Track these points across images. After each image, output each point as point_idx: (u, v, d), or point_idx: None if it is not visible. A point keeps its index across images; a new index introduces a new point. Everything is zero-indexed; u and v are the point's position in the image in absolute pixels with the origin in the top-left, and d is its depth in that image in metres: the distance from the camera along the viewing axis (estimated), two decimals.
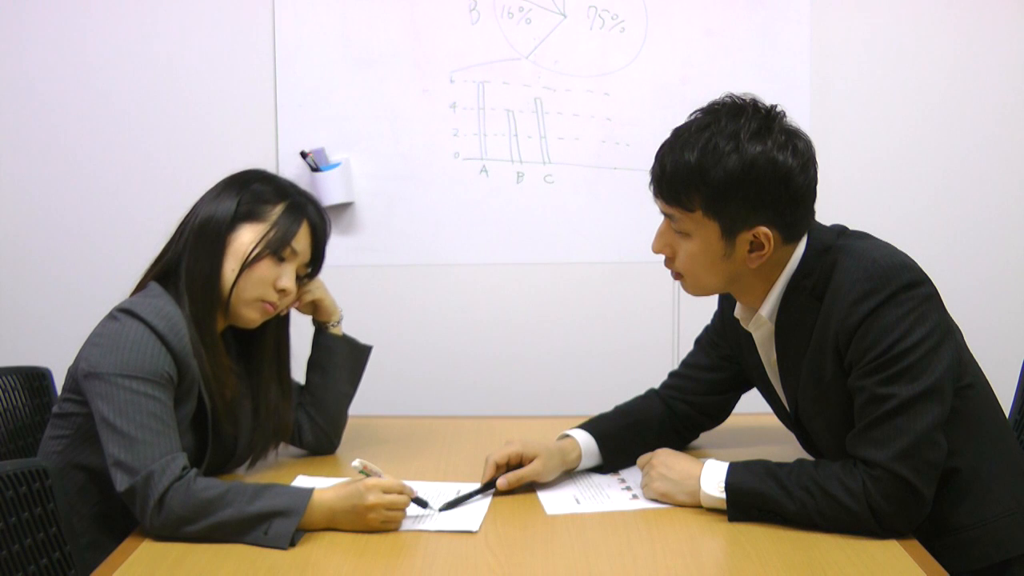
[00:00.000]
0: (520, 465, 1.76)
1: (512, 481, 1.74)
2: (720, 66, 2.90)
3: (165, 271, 1.78)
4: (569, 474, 1.85)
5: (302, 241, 1.80)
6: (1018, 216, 2.95)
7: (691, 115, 1.63)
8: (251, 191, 1.79)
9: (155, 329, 1.66)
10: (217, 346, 1.76)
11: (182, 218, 1.81)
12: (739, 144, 1.55)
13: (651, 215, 1.68)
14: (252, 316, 1.79)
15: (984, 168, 2.94)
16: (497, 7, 2.90)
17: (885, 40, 2.90)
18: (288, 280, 1.79)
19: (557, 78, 2.92)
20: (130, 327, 1.66)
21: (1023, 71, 2.91)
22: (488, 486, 1.74)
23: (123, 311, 1.68)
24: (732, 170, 1.54)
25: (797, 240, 1.64)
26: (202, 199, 1.80)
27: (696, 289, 1.69)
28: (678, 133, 1.62)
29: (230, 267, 1.75)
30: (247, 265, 1.74)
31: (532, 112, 2.92)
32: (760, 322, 1.70)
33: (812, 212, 1.64)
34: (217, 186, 1.81)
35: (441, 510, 1.67)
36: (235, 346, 1.88)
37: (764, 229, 1.58)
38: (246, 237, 1.75)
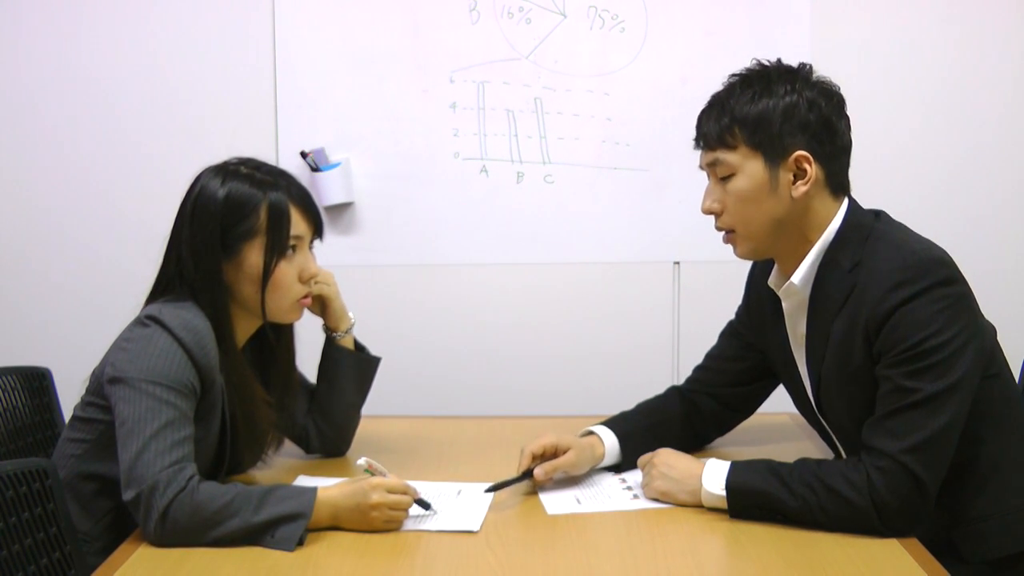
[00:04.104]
0: (554, 456, 1.78)
1: (548, 471, 1.75)
2: (720, 66, 2.85)
3: (170, 287, 1.74)
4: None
5: (299, 224, 1.74)
6: (1019, 215, 2.95)
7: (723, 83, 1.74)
8: (227, 206, 1.70)
9: (182, 342, 1.64)
10: (239, 363, 1.74)
11: (168, 243, 1.75)
12: (770, 85, 1.66)
13: (651, 215, 1.69)
14: (294, 317, 1.81)
15: (985, 167, 2.94)
16: (497, 7, 2.90)
17: (885, 40, 2.90)
18: (309, 264, 1.77)
19: (557, 78, 2.91)
20: (158, 336, 1.64)
21: (1023, 71, 2.91)
22: (525, 475, 1.76)
23: (152, 319, 1.67)
24: (769, 102, 1.64)
25: (836, 193, 1.67)
26: (186, 234, 1.71)
27: (747, 239, 1.70)
28: (715, 95, 1.72)
29: (250, 292, 1.72)
30: (266, 283, 1.72)
31: (532, 112, 2.92)
32: (791, 290, 1.70)
33: (847, 165, 1.69)
34: (193, 211, 1.71)
35: (487, 491, 1.71)
36: (250, 354, 1.84)
37: (803, 152, 1.63)
38: (251, 259, 1.71)
